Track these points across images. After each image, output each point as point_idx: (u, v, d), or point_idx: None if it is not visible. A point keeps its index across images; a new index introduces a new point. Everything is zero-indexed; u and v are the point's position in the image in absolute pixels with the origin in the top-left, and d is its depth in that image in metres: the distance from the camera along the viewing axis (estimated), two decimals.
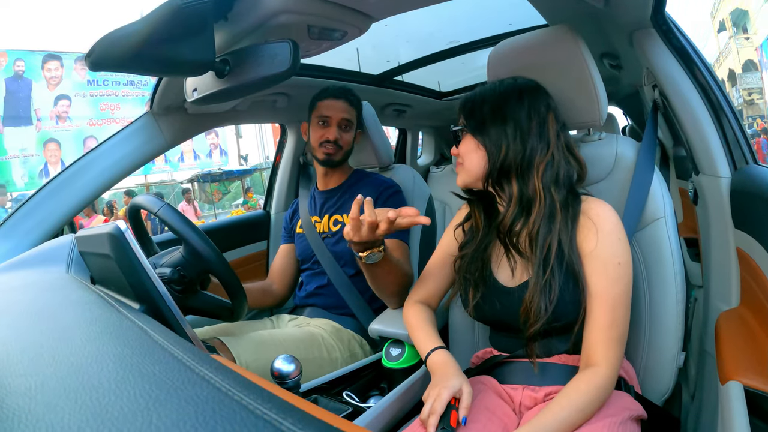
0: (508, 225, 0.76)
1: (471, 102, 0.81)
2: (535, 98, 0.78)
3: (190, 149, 12.10)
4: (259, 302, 1.29)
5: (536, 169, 0.75)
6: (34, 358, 0.37)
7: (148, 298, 0.55)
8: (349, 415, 0.81)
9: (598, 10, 0.87)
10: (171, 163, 12.00)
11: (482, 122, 0.78)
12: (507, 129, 0.76)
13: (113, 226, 0.56)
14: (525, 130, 0.76)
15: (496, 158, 0.76)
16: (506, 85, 0.80)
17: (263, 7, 0.74)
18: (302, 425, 0.22)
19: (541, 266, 0.72)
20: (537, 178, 0.75)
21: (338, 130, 1.24)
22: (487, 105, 0.79)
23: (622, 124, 3.33)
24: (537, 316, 0.70)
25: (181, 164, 12.24)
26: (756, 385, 0.64)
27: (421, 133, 2.61)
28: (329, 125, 1.24)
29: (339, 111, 1.24)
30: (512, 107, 0.77)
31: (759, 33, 14.20)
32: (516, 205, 0.76)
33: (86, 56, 0.65)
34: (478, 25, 1.64)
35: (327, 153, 1.24)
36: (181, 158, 12.14)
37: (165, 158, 11.47)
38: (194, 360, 0.32)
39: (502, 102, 0.78)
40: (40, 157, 9.72)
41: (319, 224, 1.29)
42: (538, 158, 0.75)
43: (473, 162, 0.79)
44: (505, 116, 0.77)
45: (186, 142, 10.50)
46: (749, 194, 0.80)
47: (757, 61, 14.55)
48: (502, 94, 0.79)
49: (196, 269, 0.86)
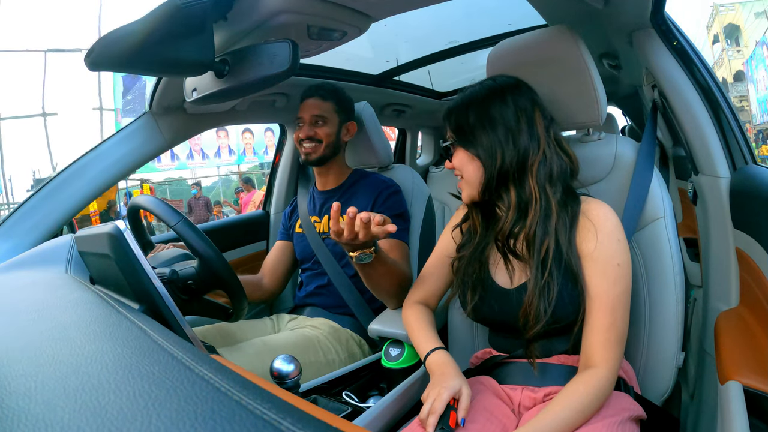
0: (507, 231, 0.75)
1: (455, 113, 0.79)
2: (519, 95, 0.77)
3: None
4: (248, 296, 1.29)
5: (530, 169, 0.74)
6: (33, 358, 0.37)
7: (148, 298, 0.55)
8: (348, 415, 0.81)
9: (597, 10, 0.87)
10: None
11: (471, 132, 0.76)
12: (498, 133, 0.75)
13: (113, 226, 0.56)
14: (515, 130, 0.74)
15: (492, 167, 0.75)
16: (487, 87, 0.79)
17: (263, 7, 0.74)
18: (301, 425, 0.22)
19: (539, 268, 0.71)
20: (532, 179, 0.74)
21: (310, 127, 1.24)
22: (472, 112, 0.77)
23: (622, 124, 3.34)
24: (537, 318, 0.70)
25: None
26: (755, 385, 0.64)
27: (420, 133, 2.61)
28: (303, 124, 1.25)
29: (310, 108, 1.24)
30: (498, 109, 0.75)
31: (749, 47, 15.71)
32: (515, 212, 0.75)
33: (86, 56, 0.64)
34: (477, 25, 1.64)
35: (306, 152, 1.25)
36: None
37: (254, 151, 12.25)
38: (193, 360, 0.32)
39: (487, 105, 0.76)
40: None
41: (318, 224, 1.29)
42: (530, 158, 0.74)
43: (471, 173, 0.78)
44: (492, 120, 0.75)
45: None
46: (748, 194, 0.80)
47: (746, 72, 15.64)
48: (486, 98, 0.77)
49: (208, 284, 0.87)
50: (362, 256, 0.84)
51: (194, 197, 8.97)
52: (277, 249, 1.38)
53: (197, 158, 12.07)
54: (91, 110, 10.60)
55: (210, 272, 0.85)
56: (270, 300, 1.41)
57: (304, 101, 1.26)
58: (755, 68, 14.31)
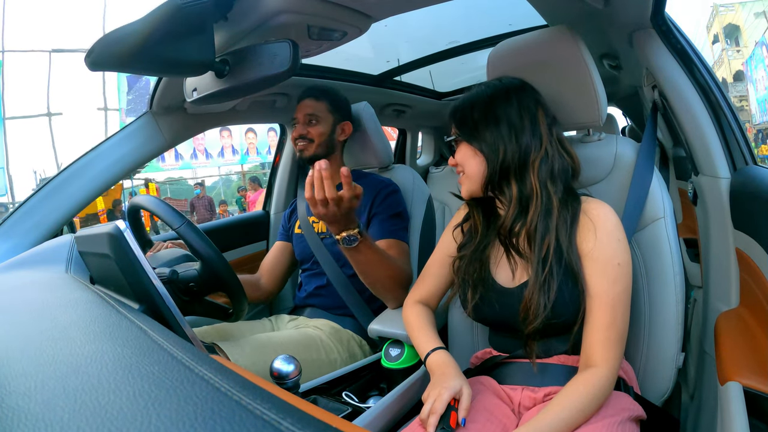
0: (509, 226, 0.76)
1: (460, 110, 0.81)
2: (523, 95, 0.79)
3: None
4: (246, 296, 1.30)
5: (532, 166, 0.75)
6: (33, 358, 0.37)
7: (148, 298, 0.55)
8: (348, 416, 0.81)
9: (598, 10, 0.87)
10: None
11: (475, 127, 0.78)
12: (501, 130, 0.76)
13: (113, 226, 0.56)
14: (518, 128, 0.76)
15: (495, 161, 0.76)
16: (493, 87, 0.81)
17: (263, 7, 0.74)
18: (301, 425, 0.22)
19: (540, 264, 0.72)
20: (533, 175, 0.75)
21: (303, 126, 1.26)
22: (477, 109, 0.79)
23: (622, 124, 3.34)
24: (536, 313, 0.70)
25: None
26: (755, 385, 0.64)
27: (420, 133, 2.61)
28: (297, 124, 1.27)
29: (303, 109, 1.27)
30: (502, 107, 0.77)
31: (749, 47, 15.91)
32: (516, 206, 0.76)
33: (86, 56, 0.64)
34: (478, 26, 1.64)
35: (299, 150, 1.27)
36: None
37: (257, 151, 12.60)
38: (193, 360, 0.32)
39: (491, 104, 0.78)
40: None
41: (317, 225, 1.29)
42: (532, 155, 0.75)
43: (473, 168, 0.79)
44: (496, 117, 0.77)
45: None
46: (749, 195, 0.80)
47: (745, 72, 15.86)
48: (490, 97, 0.79)
49: (210, 286, 0.87)
50: (348, 238, 0.89)
51: (197, 197, 9.02)
52: (276, 249, 1.38)
53: (201, 158, 12.22)
54: (96, 110, 10.71)
55: (212, 275, 0.85)
56: (267, 300, 1.41)
57: (299, 102, 1.29)
58: (754, 68, 14.44)
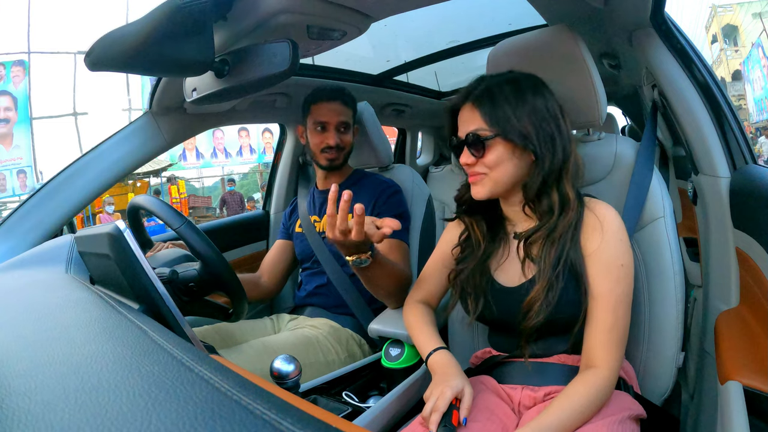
0: (530, 234, 0.72)
1: (487, 98, 0.70)
2: (543, 89, 0.74)
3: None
4: (247, 295, 1.30)
5: (565, 170, 0.72)
6: (33, 358, 0.37)
7: (148, 298, 0.55)
8: (348, 415, 0.81)
9: (597, 10, 0.87)
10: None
11: (518, 121, 0.69)
12: (548, 122, 0.69)
13: (112, 226, 0.56)
14: (559, 127, 0.70)
15: (551, 160, 0.69)
16: (515, 77, 0.73)
17: (262, 7, 0.74)
18: (301, 425, 0.22)
19: (552, 269, 0.70)
20: (567, 180, 0.71)
21: (337, 134, 1.22)
22: (510, 101, 0.69)
23: (622, 124, 3.34)
24: (537, 311, 0.69)
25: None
26: (755, 384, 0.64)
27: (420, 133, 2.61)
28: (327, 130, 1.22)
29: (335, 114, 1.22)
30: (540, 101, 0.71)
31: (747, 47, 16.12)
32: (557, 215, 0.71)
33: (85, 56, 0.64)
34: (477, 25, 1.64)
35: (329, 158, 1.23)
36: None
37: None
38: (193, 360, 0.32)
39: (523, 93, 0.70)
40: None
41: (318, 224, 1.29)
42: (571, 158, 0.72)
43: (508, 172, 0.71)
44: (536, 108, 0.69)
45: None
46: (748, 194, 0.80)
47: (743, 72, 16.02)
48: (520, 84, 0.71)
49: (210, 287, 0.87)
50: (358, 261, 0.82)
51: (229, 193, 9.29)
52: (276, 248, 1.38)
53: (221, 156, 12.58)
54: (121, 111, 11.04)
55: (212, 275, 0.85)
56: (268, 299, 1.41)
57: (323, 103, 1.22)
58: (752, 68, 14.53)
